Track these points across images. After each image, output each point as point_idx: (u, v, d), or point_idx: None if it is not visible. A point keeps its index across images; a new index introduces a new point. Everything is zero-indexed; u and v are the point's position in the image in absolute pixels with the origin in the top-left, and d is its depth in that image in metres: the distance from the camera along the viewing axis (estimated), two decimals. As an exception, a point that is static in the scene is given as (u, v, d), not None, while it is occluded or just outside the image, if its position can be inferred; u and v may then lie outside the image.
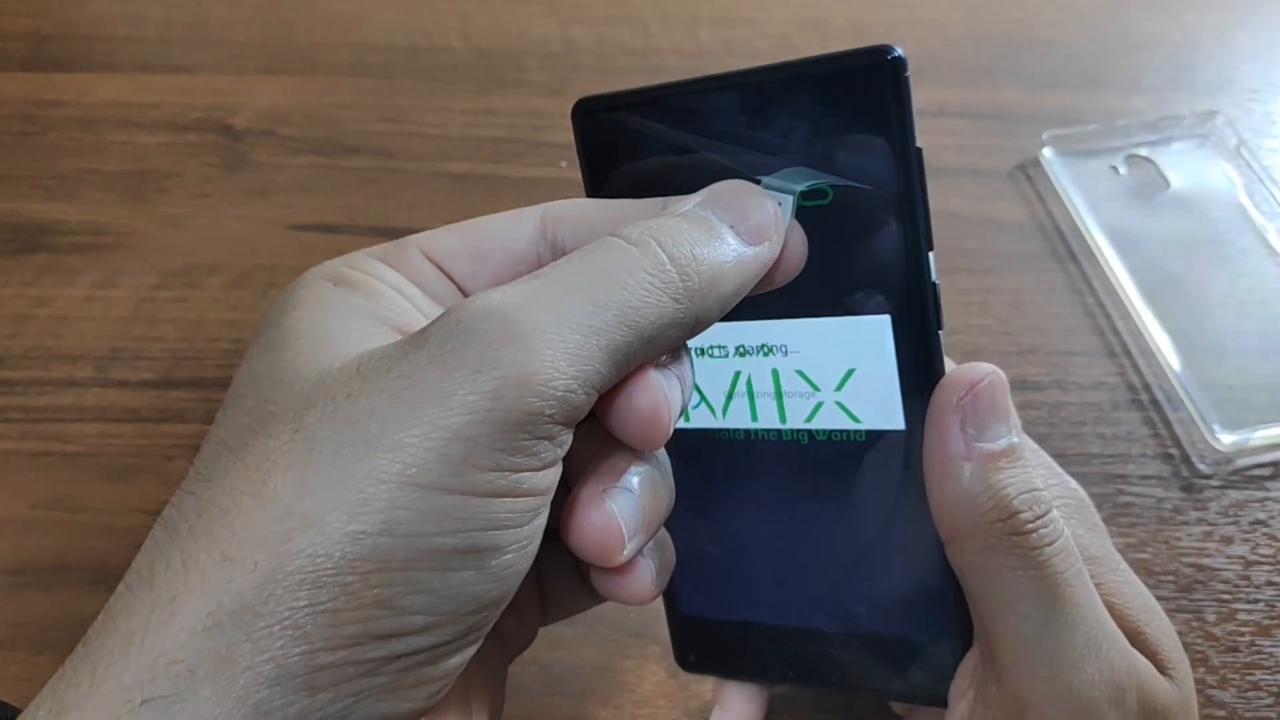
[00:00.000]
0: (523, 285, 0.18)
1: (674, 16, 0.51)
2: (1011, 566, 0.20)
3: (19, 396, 0.36)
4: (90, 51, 0.50)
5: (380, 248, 0.21)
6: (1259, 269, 0.39)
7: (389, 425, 0.16)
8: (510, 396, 0.16)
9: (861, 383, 0.22)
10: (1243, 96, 0.47)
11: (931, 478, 0.21)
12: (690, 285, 0.18)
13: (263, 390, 0.18)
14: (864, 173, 0.20)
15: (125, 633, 0.16)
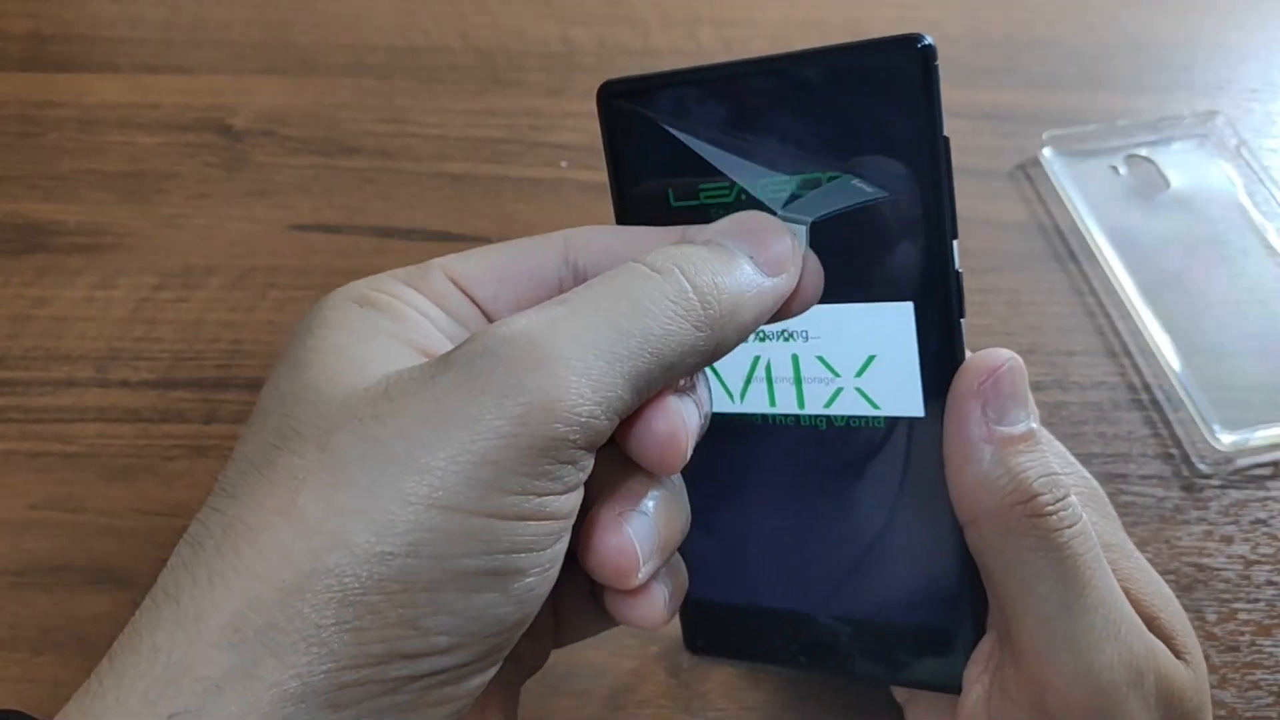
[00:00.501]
0: (547, 310, 0.18)
1: (673, 17, 0.51)
2: (1031, 548, 0.20)
3: (19, 397, 0.36)
4: (90, 52, 0.50)
5: (405, 270, 0.21)
6: (1259, 269, 0.39)
7: (416, 447, 0.16)
8: (535, 422, 0.17)
9: (882, 369, 0.22)
10: (1243, 96, 0.47)
11: (952, 461, 0.21)
12: (711, 313, 0.19)
13: (288, 408, 0.18)
14: (890, 160, 0.20)
15: (150, 647, 0.16)
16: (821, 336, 0.23)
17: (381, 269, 0.46)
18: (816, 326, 0.23)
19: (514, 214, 0.43)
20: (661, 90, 0.22)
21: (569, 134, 0.46)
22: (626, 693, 0.29)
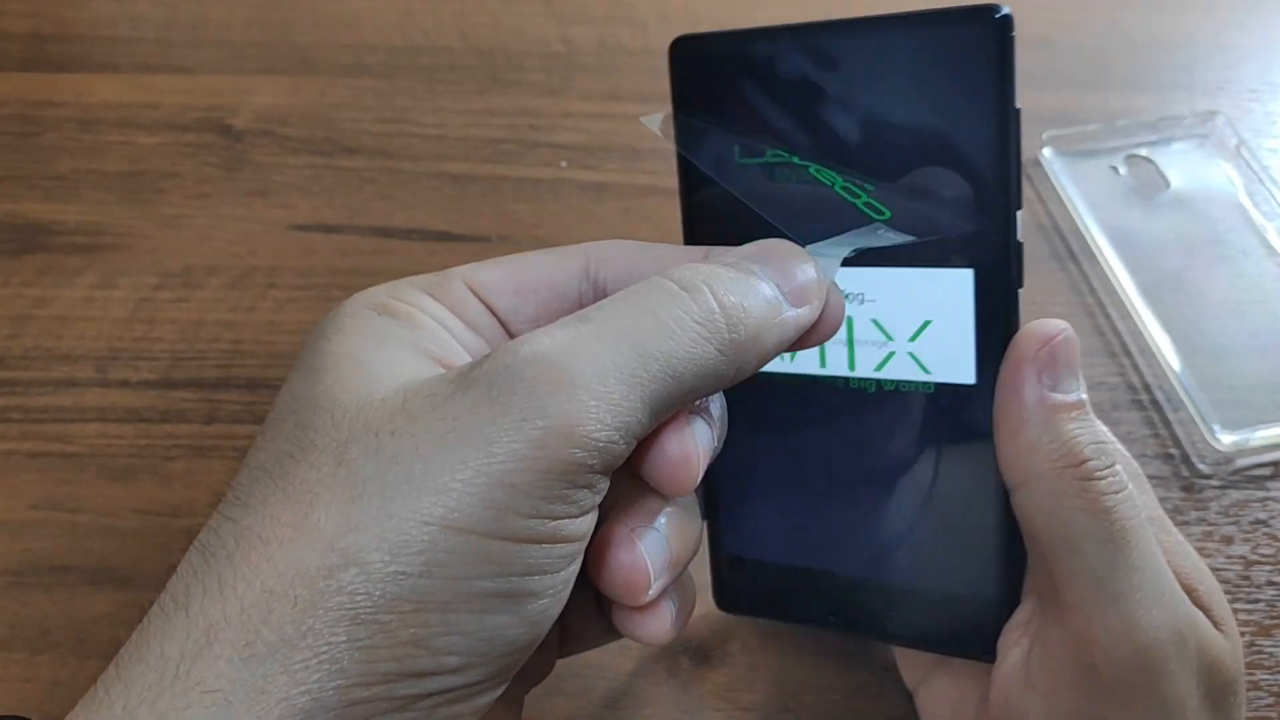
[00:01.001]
0: (570, 329, 0.18)
1: (673, 17, 0.51)
2: (1080, 510, 0.20)
3: (19, 397, 0.36)
4: (89, 52, 0.50)
5: (424, 278, 0.21)
6: (1259, 269, 0.39)
7: (433, 467, 0.16)
8: (554, 446, 0.16)
9: (937, 335, 0.22)
10: (1242, 96, 0.47)
11: (1005, 424, 0.21)
12: (736, 338, 0.18)
13: (303, 416, 0.18)
14: (960, 128, 0.21)
15: (159, 656, 0.16)
16: (878, 300, 0.23)
17: (381, 269, 0.46)
18: (874, 289, 0.23)
19: (514, 214, 0.43)
20: (733, 50, 0.23)
21: (569, 134, 0.46)
22: (625, 693, 0.29)
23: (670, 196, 0.44)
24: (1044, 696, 0.21)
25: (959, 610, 0.23)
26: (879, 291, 0.23)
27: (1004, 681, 0.22)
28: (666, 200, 0.43)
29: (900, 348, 0.23)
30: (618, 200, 0.43)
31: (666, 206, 0.43)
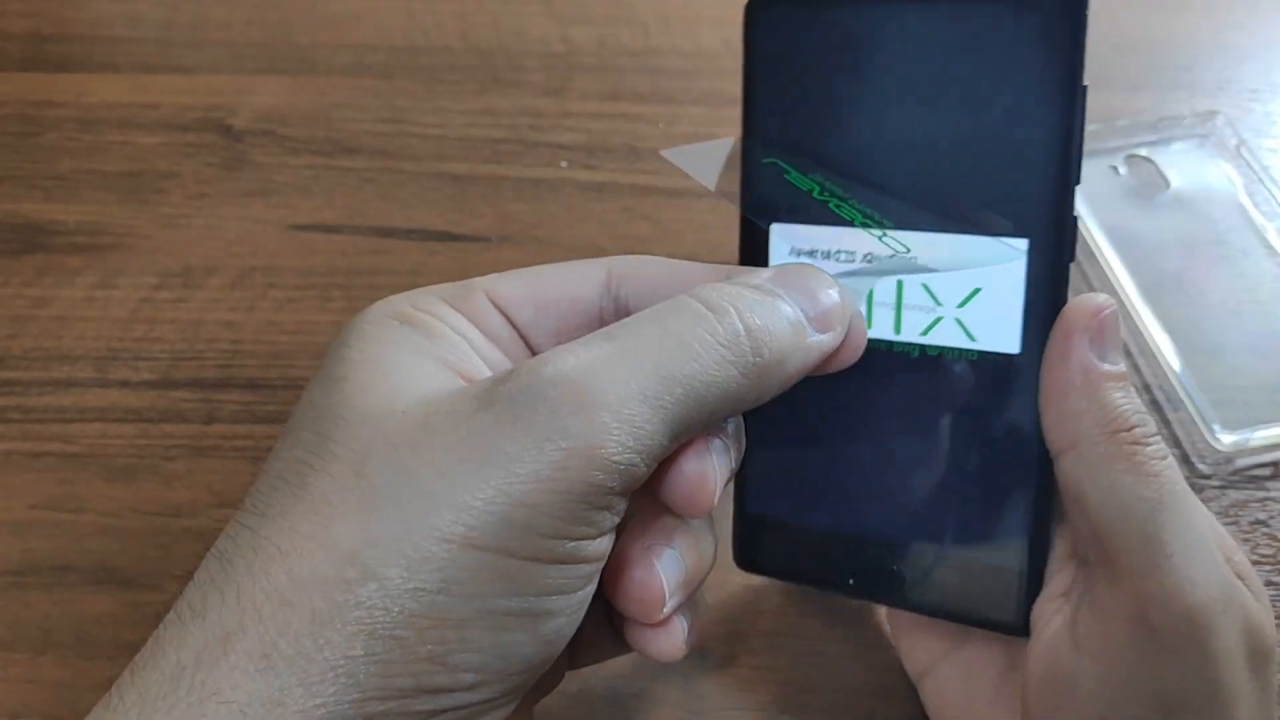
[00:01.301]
0: (594, 348, 0.18)
1: (673, 17, 0.51)
2: (1130, 472, 0.20)
3: (18, 397, 0.36)
4: (89, 52, 0.50)
5: (446, 288, 0.21)
6: (1259, 269, 0.39)
7: (454, 484, 0.16)
8: (575, 468, 0.16)
9: (986, 302, 0.22)
10: (1243, 97, 0.47)
11: (1054, 390, 0.21)
12: (760, 362, 0.18)
13: (322, 425, 0.18)
14: (1029, 98, 0.21)
15: (175, 665, 0.16)
16: (931, 264, 0.23)
17: (381, 269, 0.46)
18: (926, 254, 0.23)
19: (514, 214, 0.43)
20: (809, 12, 0.23)
21: (569, 134, 0.46)
22: (625, 691, 0.29)
23: (670, 197, 0.44)
24: (1096, 658, 0.21)
25: (985, 581, 0.23)
26: (932, 256, 0.23)
27: (1048, 649, 0.22)
28: (667, 200, 0.43)
29: (948, 313, 0.23)
30: (618, 200, 0.43)
31: (667, 206, 0.43)
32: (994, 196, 0.22)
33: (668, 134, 0.45)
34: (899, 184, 0.23)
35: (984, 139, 0.22)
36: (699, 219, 0.42)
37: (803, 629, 0.31)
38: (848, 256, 0.23)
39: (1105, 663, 0.21)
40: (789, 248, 0.24)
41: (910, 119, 0.22)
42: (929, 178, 0.22)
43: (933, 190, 0.22)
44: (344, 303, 0.39)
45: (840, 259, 0.24)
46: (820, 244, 0.24)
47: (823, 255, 0.24)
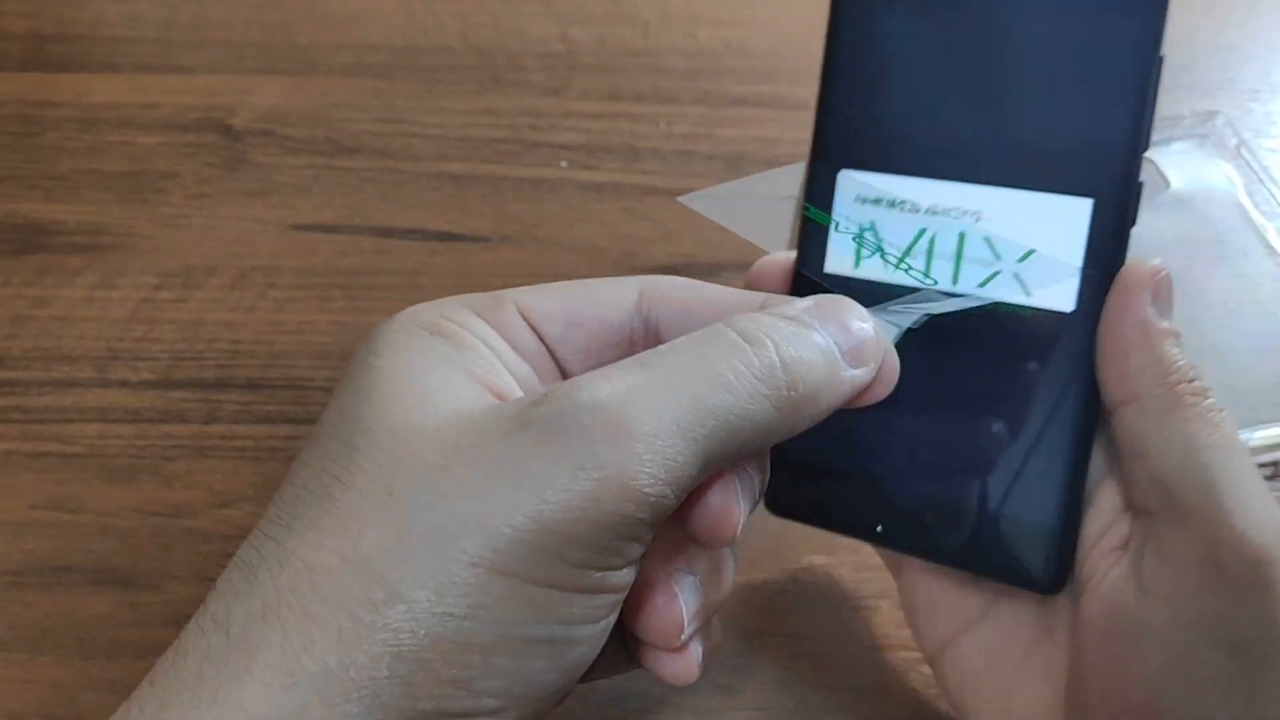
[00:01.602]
0: (629, 376, 0.18)
1: (674, 16, 0.51)
2: (1193, 421, 0.21)
3: (18, 397, 0.36)
4: (89, 52, 0.50)
5: (476, 298, 0.21)
6: (1259, 269, 0.39)
7: (485, 508, 0.16)
8: (607, 498, 0.16)
9: (1045, 259, 0.23)
10: (1243, 97, 0.47)
11: (1117, 343, 0.22)
12: (794, 396, 0.18)
13: (350, 436, 0.18)
14: (1106, 66, 0.22)
15: (197, 676, 0.16)
16: (994, 219, 0.23)
17: (382, 269, 0.46)
18: (991, 208, 0.23)
19: (514, 214, 0.43)
20: None
21: (569, 134, 0.46)
22: (626, 693, 0.29)
23: (670, 197, 0.44)
24: (1166, 601, 0.21)
25: (1018, 536, 0.23)
26: (997, 211, 0.23)
27: (1109, 599, 0.22)
28: (667, 200, 0.43)
29: (1007, 268, 0.23)
30: (618, 200, 0.43)
31: (667, 206, 0.43)
32: (1064, 157, 0.23)
33: (668, 134, 0.45)
34: (972, 139, 0.24)
35: (1060, 101, 0.23)
36: (698, 219, 0.42)
37: (803, 629, 0.31)
38: (912, 206, 0.24)
39: (1176, 605, 0.21)
40: (854, 195, 0.25)
41: (990, 78, 0.23)
42: (1003, 135, 0.23)
43: (1005, 147, 0.23)
44: (344, 303, 0.39)
45: (904, 209, 0.24)
46: (886, 191, 0.24)
47: (887, 204, 0.24)
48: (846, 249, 0.25)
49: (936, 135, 0.24)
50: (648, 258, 0.41)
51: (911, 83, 0.24)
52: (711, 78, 0.48)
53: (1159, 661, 0.21)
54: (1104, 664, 0.22)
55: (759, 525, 0.33)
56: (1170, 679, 0.20)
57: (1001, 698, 0.24)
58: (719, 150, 0.45)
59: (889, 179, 0.24)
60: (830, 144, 0.25)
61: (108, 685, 0.29)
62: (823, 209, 0.25)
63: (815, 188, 0.25)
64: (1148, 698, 0.21)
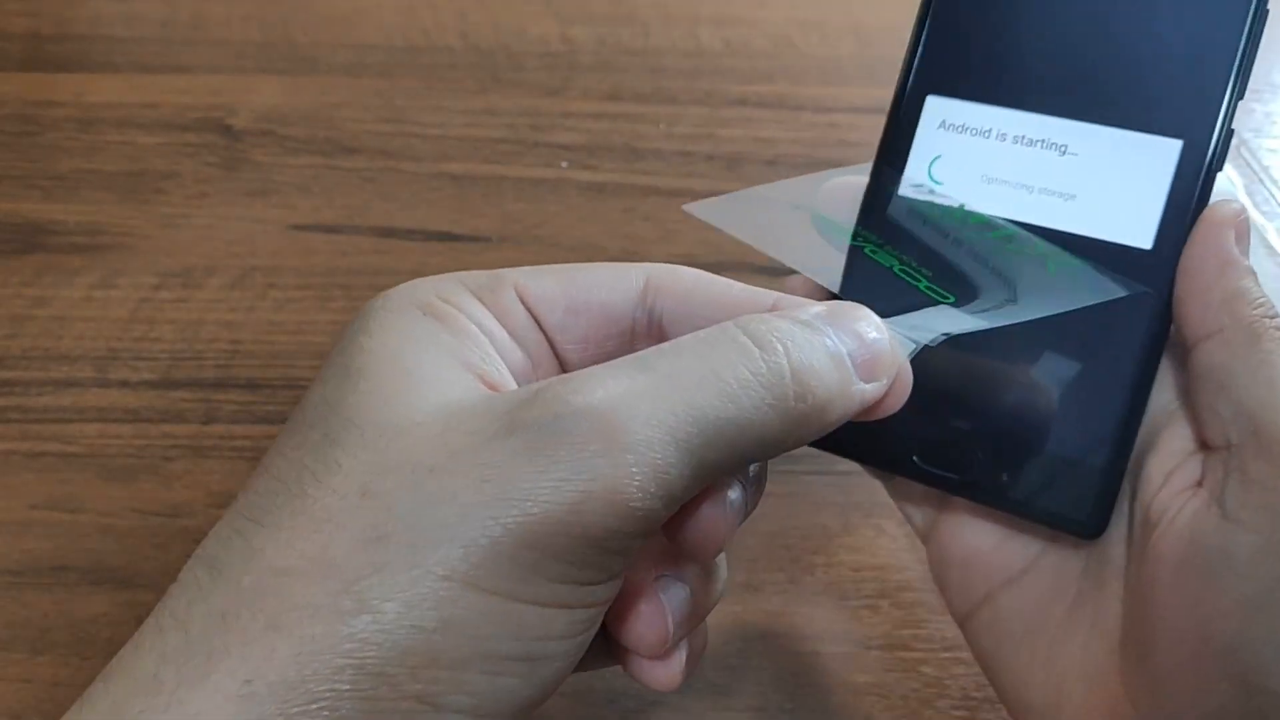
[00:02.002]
0: (627, 378, 0.17)
1: (674, 16, 0.51)
2: (1277, 353, 0.21)
3: (18, 397, 0.36)
4: (88, 51, 0.50)
5: (475, 278, 0.20)
6: (1259, 268, 0.38)
7: (462, 518, 0.16)
8: (591, 511, 0.16)
9: (1127, 195, 0.23)
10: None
11: (1200, 278, 0.22)
12: (802, 408, 0.18)
13: (331, 427, 0.17)
14: (1208, 15, 0.23)
15: (153, 677, 0.15)
16: (1080, 154, 0.23)
17: (382, 269, 0.46)
18: (1079, 143, 0.24)
19: (514, 214, 0.43)
20: None
21: (569, 134, 0.46)
22: (624, 693, 0.29)
23: (671, 197, 0.44)
24: (1254, 528, 0.20)
25: (1063, 476, 0.23)
26: (1084, 146, 0.23)
27: (1186, 533, 0.21)
28: (667, 200, 0.43)
29: (1086, 201, 0.23)
30: (618, 200, 0.43)
31: (667, 206, 0.43)
32: (1157, 98, 0.23)
33: (668, 134, 0.45)
34: (1067, 75, 0.24)
35: (1160, 43, 0.23)
36: (697, 219, 0.42)
37: (802, 628, 0.31)
38: (1000, 135, 0.24)
39: (1264, 531, 0.20)
40: (940, 120, 0.25)
41: (1092, 21, 0.24)
42: (1098, 73, 0.23)
43: (1099, 85, 0.23)
44: (344, 303, 0.39)
45: (992, 136, 0.24)
46: (973, 121, 0.24)
47: (973, 132, 0.24)
48: (922, 171, 0.25)
49: (1030, 68, 0.24)
50: (648, 258, 0.41)
51: (1011, 17, 0.24)
52: (712, 78, 0.48)
53: (1246, 591, 0.20)
54: (1180, 600, 0.21)
55: (758, 525, 0.33)
56: (1257, 609, 0.20)
57: (1043, 653, 0.23)
58: (719, 150, 0.45)
59: (978, 107, 0.24)
60: (921, 70, 0.25)
61: (107, 685, 0.29)
62: (906, 136, 0.25)
63: (899, 115, 0.25)
64: (1230, 629, 0.20)
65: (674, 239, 0.41)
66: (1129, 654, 0.22)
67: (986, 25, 0.25)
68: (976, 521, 0.25)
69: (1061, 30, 0.24)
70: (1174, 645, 0.21)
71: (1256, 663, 0.20)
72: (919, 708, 0.29)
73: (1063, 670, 0.23)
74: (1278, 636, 0.20)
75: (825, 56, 0.48)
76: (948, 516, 0.25)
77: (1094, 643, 0.23)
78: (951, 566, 0.25)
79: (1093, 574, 0.24)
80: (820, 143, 0.45)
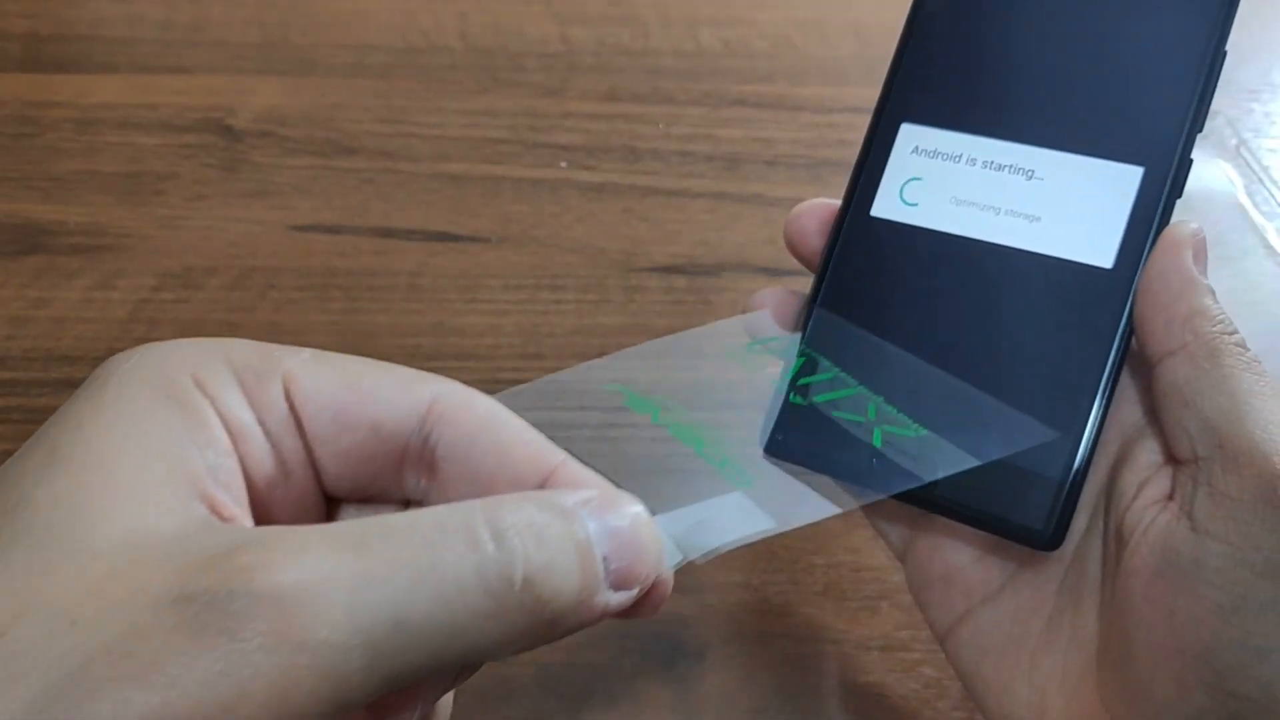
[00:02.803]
0: (332, 559, 0.15)
1: (673, 17, 0.51)
2: (1240, 369, 0.22)
3: (18, 397, 0.36)
4: (88, 52, 0.50)
5: (245, 355, 0.18)
6: (1259, 269, 0.38)
7: (94, 692, 0.14)
8: (247, 712, 0.14)
9: (1090, 217, 0.24)
10: (1242, 97, 0.47)
11: (1163, 295, 0.23)
12: (527, 621, 0.16)
13: (15, 520, 0.15)
14: (1173, 54, 0.24)
15: None
16: (1046, 179, 0.25)
17: (381, 269, 0.46)
18: (1045, 168, 0.25)
19: (513, 214, 0.43)
20: None
21: (568, 134, 0.46)
22: (625, 694, 0.29)
23: (669, 197, 0.44)
24: (1222, 538, 0.21)
25: (1021, 487, 0.23)
26: (1050, 171, 0.25)
27: (1159, 544, 0.22)
28: (666, 200, 0.43)
29: (1051, 222, 0.24)
30: (617, 200, 0.43)
31: (665, 207, 0.43)
32: (1121, 127, 0.24)
33: (667, 134, 0.45)
34: (1036, 104, 0.25)
35: (1125, 77, 0.24)
36: (696, 219, 0.42)
37: (801, 629, 0.31)
38: (970, 160, 0.25)
39: (1233, 541, 0.21)
40: (914, 146, 0.26)
41: (1061, 54, 0.25)
42: (1065, 103, 0.25)
43: (1066, 114, 0.25)
44: (343, 303, 0.39)
45: (962, 161, 0.25)
46: (945, 147, 0.26)
47: (945, 157, 0.26)
48: (894, 193, 0.26)
49: (1001, 98, 0.25)
50: (647, 258, 0.41)
51: (983, 50, 0.26)
52: (711, 78, 0.48)
53: (1216, 598, 0.21)
54: (1156, 610, 0.21)
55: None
56: (1227, 615, 0.20)
57: (1025, 666, 0.24)
58: (718, 151, 0.45)
59: (949, 134, 0.26)
60: (896, 100, 0.26)
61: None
62: (881, 159, 0.26)
63: (875, 138, 0.26)
64: (1204, 636, 0.21)
65: (673, 239, 0.41)
66: (1105, 664, 0.23)
67: (960, 58, 0.26)
68: (953, 540, 0.26)
69: (1030, 62, 0.25)
70: (1151, 654, 0.21)
71: (1230, 668, 0.20)
72: (919, 708, 0.29)
73: (1043, 683, 0.24)
74: (1250, 642, 0.20)
75: (824, 57, 0.49)
76: (924, 535, 0.26)
77: (1072, 655, 0.23)
78: (930, 584, 0.26)
79: (1069, 589, 0.24)
80: (819, 143, 0.45)
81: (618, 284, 0.40)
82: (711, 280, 0.40)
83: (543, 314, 0.39)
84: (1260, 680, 0.20)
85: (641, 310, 0.39)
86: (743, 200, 0.43)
